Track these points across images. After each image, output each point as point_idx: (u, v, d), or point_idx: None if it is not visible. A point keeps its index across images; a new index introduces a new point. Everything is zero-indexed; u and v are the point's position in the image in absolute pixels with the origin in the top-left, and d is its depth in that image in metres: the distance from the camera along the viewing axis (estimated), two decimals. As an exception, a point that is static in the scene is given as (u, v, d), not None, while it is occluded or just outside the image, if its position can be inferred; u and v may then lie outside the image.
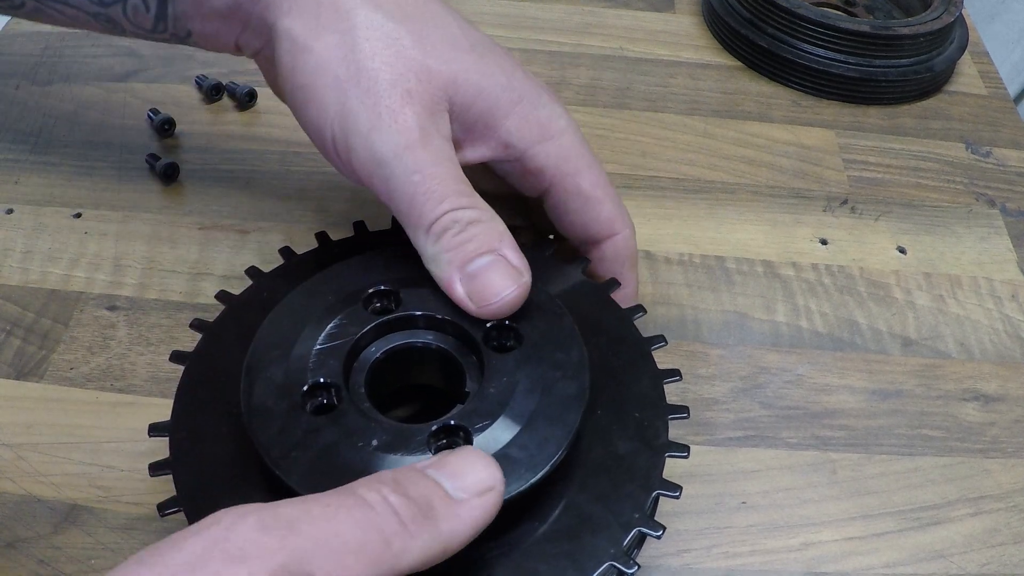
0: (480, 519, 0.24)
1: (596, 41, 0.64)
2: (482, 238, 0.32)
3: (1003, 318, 0.47)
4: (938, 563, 0.37)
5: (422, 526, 0.23)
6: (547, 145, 0.37)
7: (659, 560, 0.36)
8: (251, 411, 0.29)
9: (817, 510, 0.38)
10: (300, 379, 0.30)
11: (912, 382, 0.43)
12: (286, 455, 0.28)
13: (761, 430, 0.41)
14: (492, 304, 0.31)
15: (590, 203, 0.38)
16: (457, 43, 0.36)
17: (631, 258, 0.40)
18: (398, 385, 0.35)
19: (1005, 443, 0.41)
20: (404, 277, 0.34)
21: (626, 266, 0.39)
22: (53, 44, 0.60)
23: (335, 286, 0.34)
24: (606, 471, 0.30)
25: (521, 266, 0.32)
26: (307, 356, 0.31)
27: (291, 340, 0.32)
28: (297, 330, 0.32)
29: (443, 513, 0.24)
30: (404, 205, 0.33)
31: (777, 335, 0.45)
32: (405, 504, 0.23)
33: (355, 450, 0.28)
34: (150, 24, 0.39)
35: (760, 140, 0.57)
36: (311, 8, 0.35)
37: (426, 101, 0.34)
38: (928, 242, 0.51)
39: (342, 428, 0.29)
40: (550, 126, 0.37)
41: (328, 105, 0.34)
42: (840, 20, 0.59)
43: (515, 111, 0.36)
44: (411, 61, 0.34)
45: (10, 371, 0.41)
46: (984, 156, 0.57)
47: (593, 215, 0.38)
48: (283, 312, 0.33)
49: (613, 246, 0.39)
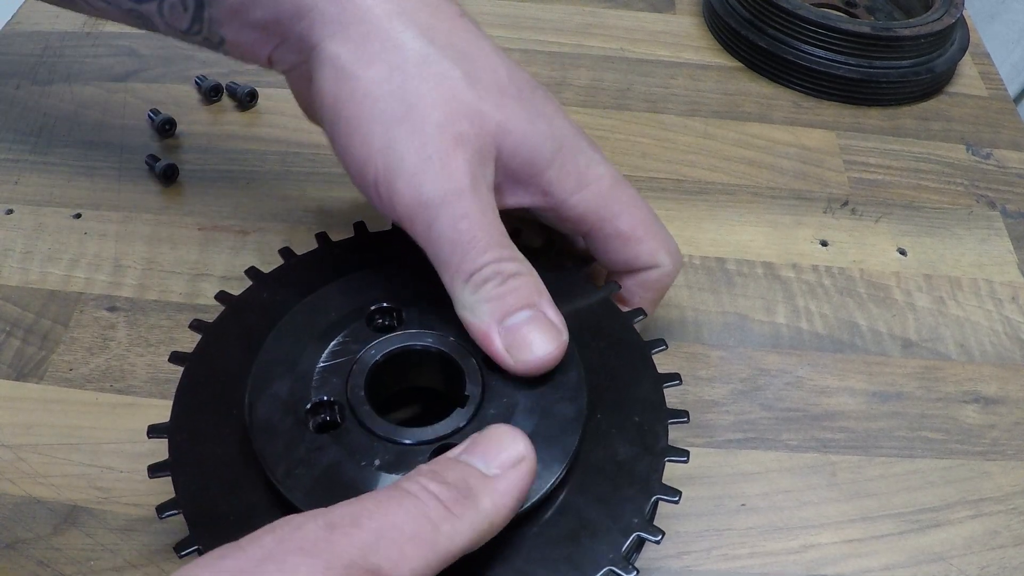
0: (518, 488, 0.26)
1: (596, 42, 0.64)
2: (522, 292, 0.32)
3: (1003, 320, 0.47)
4: (938, 565, 0.37)
5: (465, 506, 0.25)
6: (584, 193, 0.36)
7: (659, 562, 0.36)
8: (256, 427, 0.30)
9: (817, 512, 0.38)
10: (304, 396, 0.31)
11: (912, 384, 0.43)
12: (290, 473, 0.28)
13: (761, 432, 0.41)
14: (531, 361, 0.31)
15: (630, 243, 0.38)
16: (505, 87, 0.35)
17: (662, 291, 0.40)
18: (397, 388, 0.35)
19: (1005, 445, 0.41)
20: (406, 294, 0.34)
21: (654, 298, 0.40)
22: (53, 44, 0.60)
23: (338, 302, 0.34)
24: (606, 475, 0.30)
25: (559, 324, 0.32)
26: (311, 373, 0.31)
27: (295, 356, 0.32)
28: (301, 346, 0.32)
29: (482, 491, 0.25)
30: (446, 251, 0.32)
31: (777, 337, 0.45)
32: (445, 490, 0.25)
33: (358, 469, 0.29)
34: (186, 24, 0.38)
35: (760, 141, 0.57)
36: (359, 33, 0.34)
37: (477, 147, 0.33)
38: (928, 244, 0.51)
39: (345, 447, 0.29)
40: (587, 173, 0.36)
41: (373, 140, 0.33)
42: (841, 21, 0.59)
43: (556, 160, 0.36)
44: (463, 104, 0.33)
45: (10, 371, 0.41)
46: (984, 157, 0.57)
47: (633, 253, 0.38)
48: (287, 327, 0.33)
49: (648, 278, 0.39)
